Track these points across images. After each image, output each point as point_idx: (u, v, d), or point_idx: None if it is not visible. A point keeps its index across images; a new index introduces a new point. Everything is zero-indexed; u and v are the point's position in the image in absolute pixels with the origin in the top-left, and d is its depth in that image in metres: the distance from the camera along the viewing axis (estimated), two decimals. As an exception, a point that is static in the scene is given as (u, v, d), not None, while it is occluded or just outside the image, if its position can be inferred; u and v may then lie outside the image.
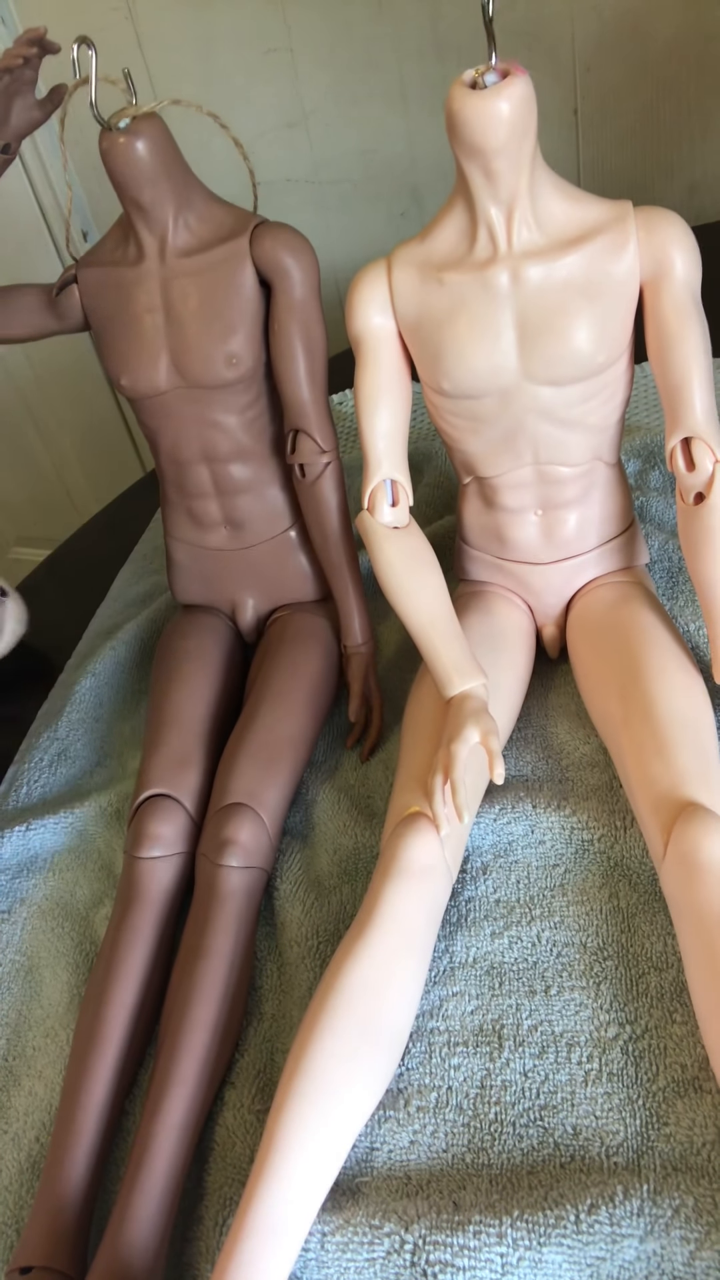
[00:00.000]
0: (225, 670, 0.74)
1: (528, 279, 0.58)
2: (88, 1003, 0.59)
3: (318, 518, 0.70)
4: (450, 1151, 0.52)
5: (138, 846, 0.64)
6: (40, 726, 0.82)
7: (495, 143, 0.53)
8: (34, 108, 0.64)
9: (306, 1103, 0.49)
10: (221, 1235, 0.51)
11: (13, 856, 0.72)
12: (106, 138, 0.61)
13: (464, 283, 0.59)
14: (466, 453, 0.65)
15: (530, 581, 0.69)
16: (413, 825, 0.57)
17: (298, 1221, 0.48)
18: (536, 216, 0.57)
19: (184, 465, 0.71)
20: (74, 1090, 0.55)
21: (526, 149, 0.55)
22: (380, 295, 0.61)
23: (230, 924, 0.59)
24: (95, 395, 1.70)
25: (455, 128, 0.54)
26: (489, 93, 0.53)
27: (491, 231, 0.57)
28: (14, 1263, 0.49)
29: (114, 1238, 0.48)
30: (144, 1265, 0.48)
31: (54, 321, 0.70)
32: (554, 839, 0.63)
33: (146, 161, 0.61)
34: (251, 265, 0.64)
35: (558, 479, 0.64)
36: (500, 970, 0.58)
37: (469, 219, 0.58)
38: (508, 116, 0.53)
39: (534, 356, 0.59)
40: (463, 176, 0.56)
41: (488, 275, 0.58)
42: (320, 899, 0.64)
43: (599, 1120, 0.52)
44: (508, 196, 0.56)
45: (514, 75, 0.53)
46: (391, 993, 0.53)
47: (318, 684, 0.71)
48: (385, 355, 0.62)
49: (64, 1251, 0.49)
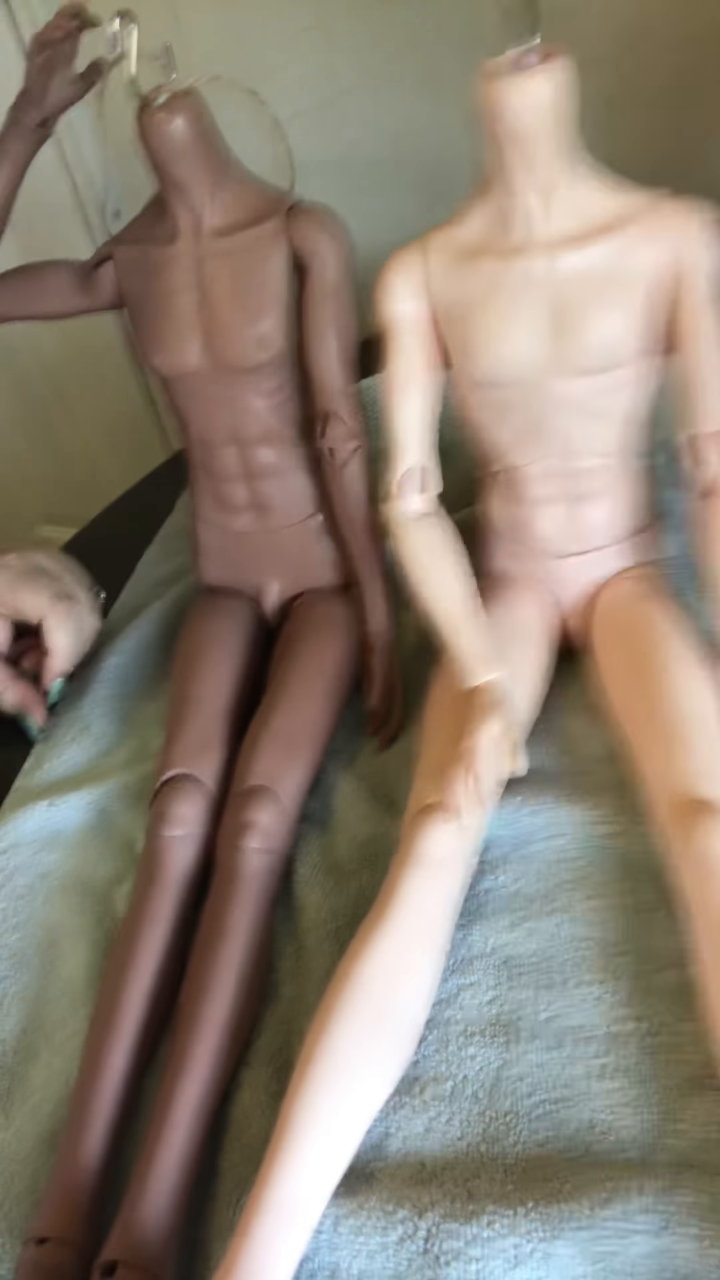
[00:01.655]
0: (248, 653, 0.74)
1: (560, 266, 0.57)
2: (107, 979, 0.59)
3: (344, 503, 0.70)
4: (464, 1140, 0.52)
5: (160, 825, 0.64)
6: (64, 704, 0.82)
7: (533, 126, 0.53)
8: (72, 83, 0.64)
9: (322, 1086, 0.50)
10: (235, 1214, 0.52)
11: (36, 832, 0.72)
12: (145, 113, 0.60)
13: (497, 269, 0.58)
14: (493, 441, 0.64)
15: (553, 573, 0.69)
16: (432, 815, 0.57)
17: (311, 1203, 0.48)
18: (570, 205, 0.56)
19: (212, 447, 0.71)
20: (92, 1066, 0.55)
21: (562, 135, 0.54)
22: (413, 280, 0.61)
23: (249, 905, 0.60)
24: (123, 377, 1.70)
25: (493, 110, 0.53)
26: (527, 76, 0.52)
27: (526, 217, 0.57)
28: (31, 1233, 0.49)
29: (130, 1212, 0.49)
30: (159, 1240, 0.48)
31: (87, 299, 0.69)
32: (572, 833, 0.62)
33: (184, 138, 0.60)
34: (286, 247, 0.63)
35: (584, 470, 0.64)
36: (516, 962, 0.58)
37: (504, 204, 0.57)
38: (547, 100, 0.52)
39: (564, 345, 0.58)
40: (498, 160, 0.55)
41: (521, 262, 0.57)
42: (339, 884, 0.64)
43: (612, 1115, 0.52)
44: (543, 182, 0.55)
45: (553, 58, 0.52)
46: (408, 980, 0.54)
47: (339, 671, 0.71)
48: (416, 342, 0.62)
49: (80, 1224, 0.50)
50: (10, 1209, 0.53)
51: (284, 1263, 0.46)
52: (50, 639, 0.75)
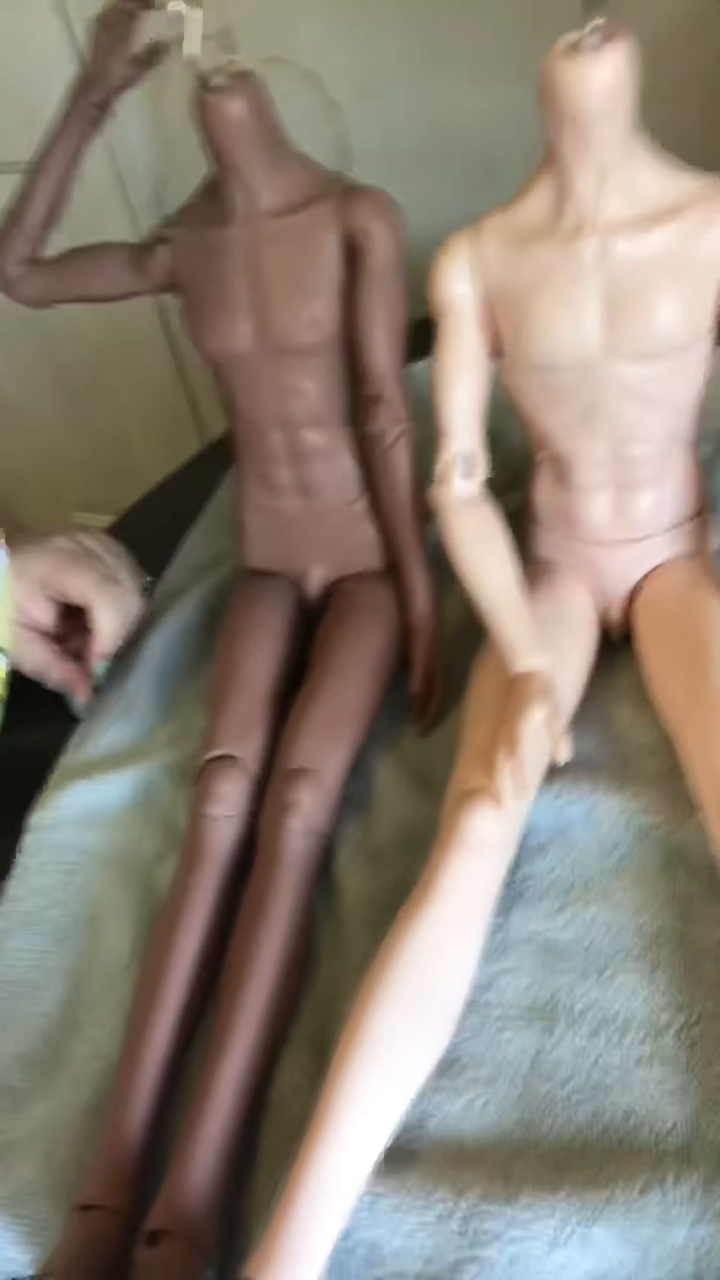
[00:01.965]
0: (290, 636, 0.75)
1: (615, 252, 0.56)
2: (151, 955, 0.60)
3: (388, 487, 0.70)
4: (502, 1124, 0.53)
5: (203, 804, 0.64)
6: (108, 683, 0.83)
7: (592, 109, 0.52)
8: (132, 64, 0.64)
9: (363, 1065, 0.50)
10: (274, 1190, 0.52)
11: (80, 809, 0.73)
12: (203, 96, 0.60)
13: (550, 254, 0.58)
14: (542, 428, 0.64)
15: (599, 562, 0.69)
16: (473, 800, 0.58)
17: (351, 1179, 0.49)
18: (628, 188, 0.56)
19: (260, 430, 0.71)
20: (137, 1039, 0.56)
21: (623, 118, 0.53)
22: (466, 265, 0.60)
23: (290, 885, 0.60)
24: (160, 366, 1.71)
25: (552, 92, 0.52)
26: (590, 57, 0.51)
27: (581, 202, 0.56)
28: (77, 1201, 0.50)
29: (174, 1184, 0.50)
30: (202, 1211, 0.49)
31: (140, 281, 0.70)
32: (613, 822, 0.62)
33: (242, 121, 0.60)
34: (338, 229, 0.63)
35: (634, 457, 0.63)
36: (555, 949, 0.58)
37: (558, 188, 0.57)
38: (608, 82, 0.51)
39: (618, 331, 0.58)
40: (554, 145, 0.55)
41: (575, 247, 0.57)
42: (378, 868, 0.65)
43: (652, 1103, 0.52)
44: (600, 166, 0.55)
45: (616, 41, 0.52)
46: (448, 963, 0.54)
47: (382, 655, 0.71)
48: (467, 327, 0.62)
49: (125, 1193, 0.51)
50: (54, 1177, 0.55)
51: (324, 1236, 0.47)
52: (95, 621, 0.76)
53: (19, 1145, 0.57)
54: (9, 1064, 0.61)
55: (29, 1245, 0.52)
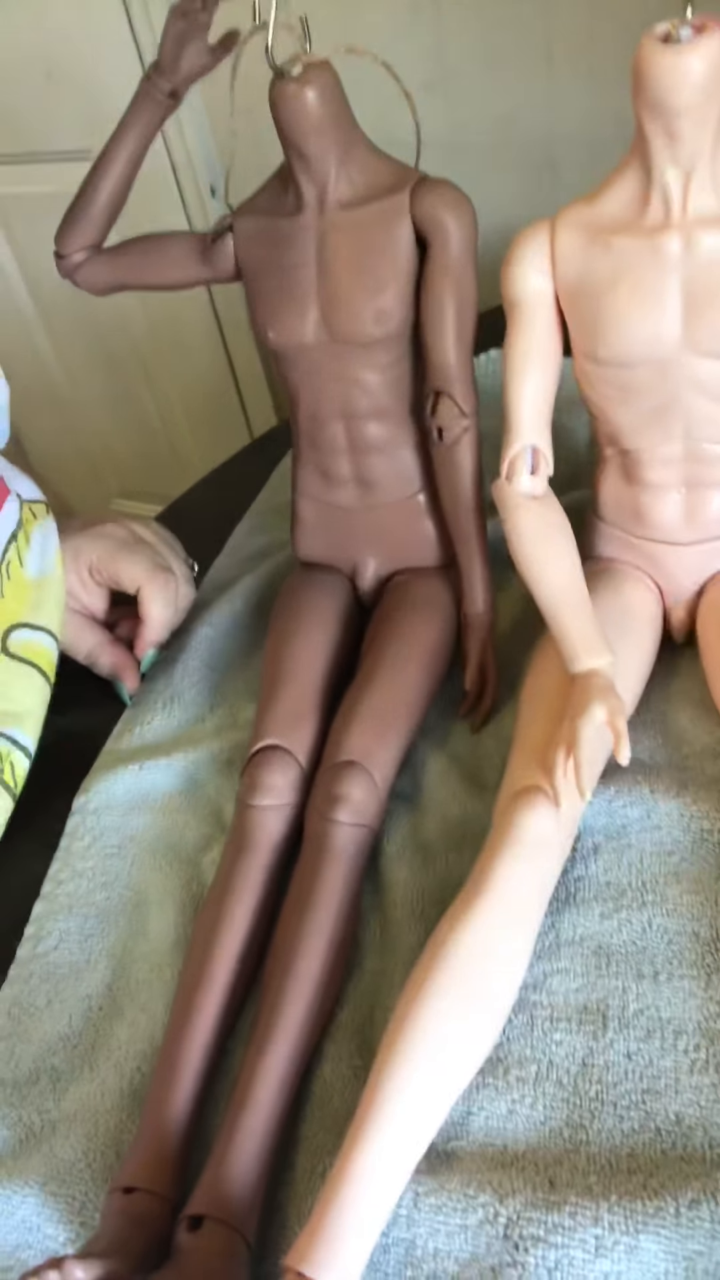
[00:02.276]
0: (342, 629, 0.74)
1: (701, 247, 0.55)
2: (195, 943, 0.60)
3: (451, 482, 0.69)
4: (548, 1125, 0.52)
5: (251, 795, 0.64)
6: (156, 671, 0.83)
7: (682, 102, 0.51)
8: (205, 53, 0.64)
9: (411, 1059, 0.50)
10: (314, 1182, 0.52)
11: (125, 795, 0.73)
12: (278, 85, 0.60)
13: (632, 248, 0.57)
14: (614, 424, 0.63)
15: (665, 562, 0.68)
16: (529, 799, 0.57)
17: (395, 1174, 0.48)
18: (716, 182, 0.55)
19: (321, 421, 0.70)
20: (180, 1024, 0.56)
21: (713, 111, 0.52)
22: (541, 257, 0.59)
23: (338, 878, 0.60)
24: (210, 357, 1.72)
25: (641, 84, 0.51)
26: (683, 48, 0.50)
27: (666, 196, 0.55)
28: (117, 1183, 0.50)
29: (216, 1170, 0.50)
30: (243, 1199, 0.49)
31: (206, 270, 0.70)
32: (670, 825, 0.61)
33: (316, 110, 0.60)
34: (410, 221, 0.63)
35: (708, 456, 0.62)
36: (607, 951, 0.57)
37: (643, 182, 0.56)
38: (700, 75, 0.50)
39: (698, 327, 0.57)
40: (642, 136, 0.54)
41: (658, 241, 0.56)
42: (426, 863, 0.64)
43: (703, 1110, 0.51)
44: (688, 160, 0.53)
45: (710, 31, 0.51)
46: (499, 961, 0.53)
47: (436, 650, 0.71)
48: (540, 319, 0.61)
49: (166, 1176, 0.50)
50: (94, 1158, 0.54)
51: (368, 1229, 0.47)
52: (146, 608, 0.76)
53: (60, 1126, 0.57)
54: (52, 1044, 0.61)
55: (67, 1224, 0.52)
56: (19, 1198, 0.54)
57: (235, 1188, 0.49)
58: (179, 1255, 0.47)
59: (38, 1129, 0.57)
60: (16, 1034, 0.62)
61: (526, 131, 1.26)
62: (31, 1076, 0.60)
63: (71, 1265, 0.42)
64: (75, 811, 0.74)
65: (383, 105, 0.67)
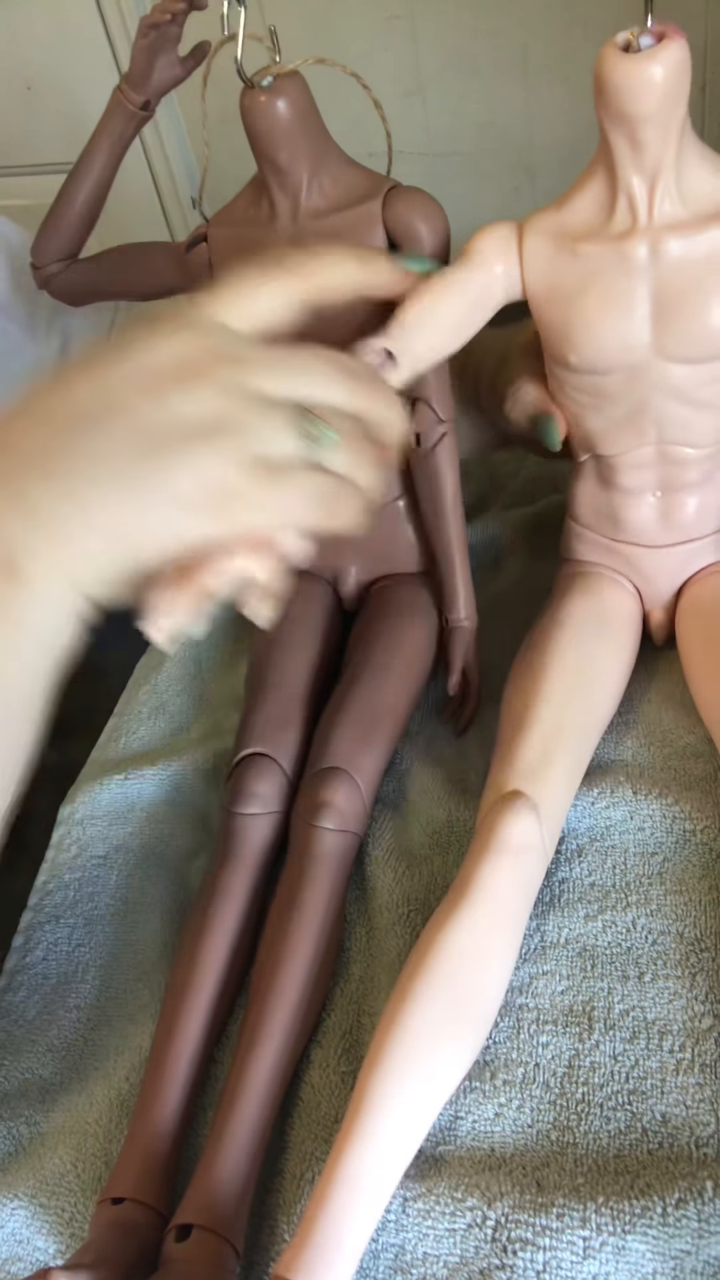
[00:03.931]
0: (325, 636, 0.75)
1: (667, 252, 0.56)
2: (182, 951, 0.60)
3: (429, 487, 0.70)
4: (535, 1128, 0.52)
5: (236, 803, 0.64)
6: (140, 680, 0.83)
7: (645, 109, 0.51)
8: (176, 65, 0.65)
9: (399, 1064, 0.50)
10: (302, 1188, 0.52)
11: (111, 804, 0.73)
12: (248, 95, 0.60)
13: (600, 254, 0.57)
14: (586, 430, 0.63)
15: (642, 565, 0.68)
16: (512, 804, 0.57)
17: (385, 1178, 0.48)
18: (680, 189, 0.55)
19: None
20: (167, 1032, 0.56)
21: (676, 118, 0.53)
22: (510, 252, 0.59)
23: (323, 884, 0.60)
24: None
25: (604, 92, 0.52)
26: (642, 56, 0.50)
27: (632, 202, 0.55)
28: (106, 1194, 0.50)
29: (203, 1179, 0.50)
30: (232, 1207, 0.49)
31: (182, 279, 0.70)
32: (653, 826, 0.62)
33: (287, 120, 0.60)
34: (382, 228, 0.63)
35: (681, 460, 0.62)
36: (592, 953, 0.57)
37: (609, 189, 0.56)
38: (660, 82, 0.50)
39: (668, 332, 0.57)
40: (606, 144, 0.54)
41: (625, 247, 0.56)
42: (411, 868, 0.64)
43: (689, 1110, 0.51)
44: (652, 166, 0.54)
45: (670, 39, 0.51)
46: (484, 966, 0.53)
47: (418, 656, 0.71)
48: (476, 281, 0.59)
49: (155, 1187, 0.50)
50: (83, 1169, 0.54)
51: (358, 1235, 0.47)
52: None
53: (49, 1137, 0.57)
54: (40, 1055, 0.61)
55: (57, 1236, 0.52)
56: (8, 1210, 0.54)
57: (223, 1196, 0.49)
58: (167, 1265, 0.47)
59: (26, 1140, 0.57)
60: (5, 1045, 0.62)
61: (504, 140, 1.27)
62: (20, 1088, 0.60)
63: (59, 1276, 0.42)
64: (61, 822, 0.74)
65: (356, 116, 0.68)
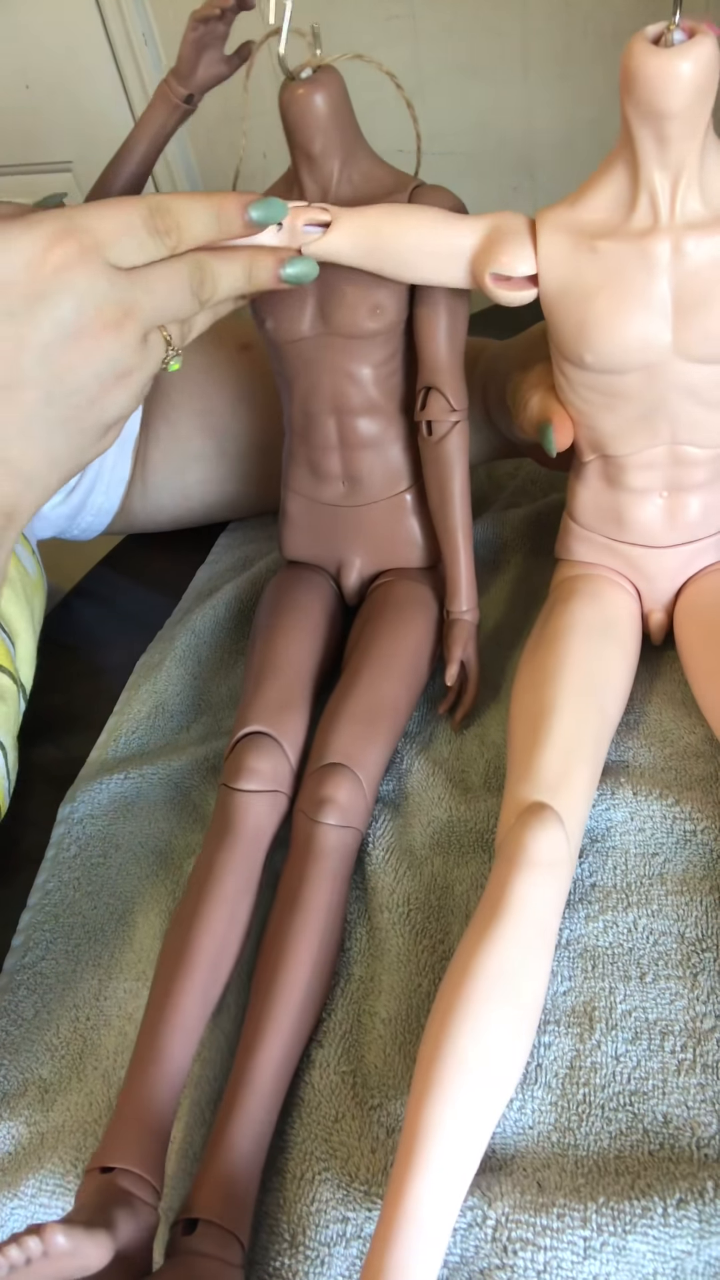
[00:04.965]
0: (327, 627, 0.75)
1: (688, 251, 0.55)
2: (176, 924, 0.59)
3: (439, 478, 0.70)
4: (536, 1129, 0.52)
5: (234, 778, 0.64)
6: (139, 679, 0.83)
7: (675, 105, 0.50)
8: (221, 63, 0.65)
9: (452, 1087, 0.48)
10: (302, 1188, 0.52)
11: (111, 803, 0.73)
12: (288, 88, 0.61)
13: (620, 252, 0.56)
14: (597, 430, 0.63)
15: (644, 565, 0.68)
16: (540, 817, 0.56)
17: (452, 1203, 0.47)
18: (703, 187, 0.54)
19: (313, 416, 0.71)
20: (160, 1006, 0.56)
21: (703, 115, 0.52)
22: (526, 248, 0.58)
23: (326, 880, 0.60)
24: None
25: (631, 86, 0.51)
26: (675, 52, 0.49)
27: (654, 199, 0.55)
28: (95, 1162, 0.50)
29: (208, 1173, 0.50)
30: (237, 1202, 0.49)
31: None
32: (654, 827, 0.62)
33: (323, 112, 0.61)
34: None
35: (690, 460, 0.62)
36: (594, 954, 0.57)
37: (630, 185, 0.55)
38: (690, 78, 0.50)
39: (688, 332, 0.57)
40: (629, 139, 0.53)
41: (647, 245, 0.55)
42: (412, 868, 0.64)
43: (690, 1110, 0.51)
44: (676, 163, 0.53)
45: (702, 34, 0.50)
46: (527, 980, 0.52)
47: (420, 652, 0.71)
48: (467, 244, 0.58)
49: (146, 1157, 0.50)
50: (83, 1170, 0.54)
51: (429, 1266, 0.45)
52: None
53: (49, 1137, 0.56)
54: (39, 1055, 0.61)
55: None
56: (8, 1210, 0.53)
57: (228, 1190, 0.49)
58: (176, 1256, 0.47)
59: (26, 1141, 0.57)
60: (4, 1045, 0.62)
61: (503, 139, 1.27)
62: (19, 1088, 0.59)
63: (52, 1230, 0.41)
64: (60, 821, 0.74)
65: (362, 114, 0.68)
